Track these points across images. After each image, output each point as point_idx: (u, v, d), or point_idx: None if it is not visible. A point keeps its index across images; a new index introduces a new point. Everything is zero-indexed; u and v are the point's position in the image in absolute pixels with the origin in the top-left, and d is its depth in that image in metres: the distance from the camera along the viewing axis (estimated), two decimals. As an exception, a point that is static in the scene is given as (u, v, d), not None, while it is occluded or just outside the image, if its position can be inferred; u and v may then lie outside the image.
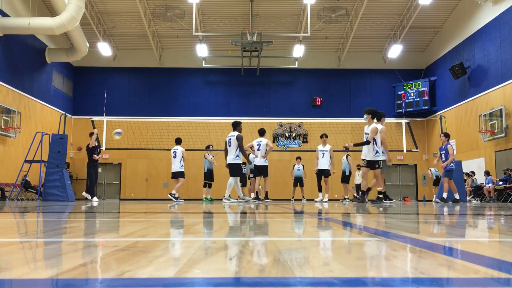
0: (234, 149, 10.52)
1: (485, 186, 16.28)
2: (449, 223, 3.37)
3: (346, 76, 23.11)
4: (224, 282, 0.99)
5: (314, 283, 0.99)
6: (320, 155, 12.98)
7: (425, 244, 1.73)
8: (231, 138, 10.68)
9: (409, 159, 22.54)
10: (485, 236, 2.34)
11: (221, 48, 22.22)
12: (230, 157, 10.53)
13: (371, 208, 6.58)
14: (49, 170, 12.66)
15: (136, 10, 19.43)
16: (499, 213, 5.28)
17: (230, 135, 10.73)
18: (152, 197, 21.40)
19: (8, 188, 15.25)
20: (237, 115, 21.62)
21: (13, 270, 1.11)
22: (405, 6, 20.13)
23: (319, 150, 13.06)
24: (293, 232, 2.47)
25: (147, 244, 1.67)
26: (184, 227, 2.56)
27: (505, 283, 0.98)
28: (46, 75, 19.91)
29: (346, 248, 1.69)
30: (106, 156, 22.21)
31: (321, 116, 21.37)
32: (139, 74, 23.05)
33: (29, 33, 16.93)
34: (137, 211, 5.21)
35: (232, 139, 10.62)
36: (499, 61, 16.80)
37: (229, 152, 10.60)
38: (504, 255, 1.52)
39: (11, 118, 16.60)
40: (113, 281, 0.99)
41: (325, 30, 21.38)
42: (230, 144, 10.61)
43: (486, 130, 17.25)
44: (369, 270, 1.14)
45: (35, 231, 2.47)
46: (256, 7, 19.93)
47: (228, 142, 10.69)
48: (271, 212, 5.00)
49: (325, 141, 12.99)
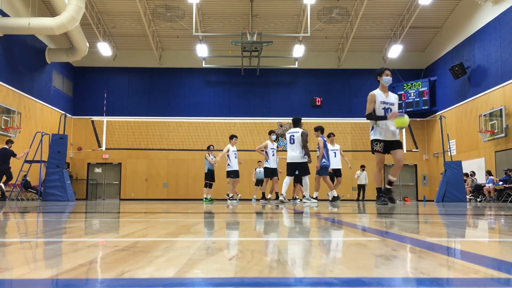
0: (299, 147, 9.92)
1: (485, 186, 16.28)
2: (449, 223, 3.37)
3: (346, 76, 23.12)
4: (224, 282, 0.99)
5: (314, 283, 0.99)
6: (332, 155, 12.83)
7: (425, 244, 1.73)
8: (293, 134, 10.03)
9: (409, 159, 22.54)
10: (485, 236, 2.34)
11: (221, 48, 22.23)
12: (295, 155, 9.94)
13: (376, 208, 6.58)
14: (49, 170, 12.65)
15: (136, 10, 19.44)
16: (487, 213, 5.28)
17: (293, 131, 10.10)
18: (152, 197, 21.40)
19: (8, 188, 15.25)
20: (237, 115, 21.63)
21: (13, 270, 1.11)
22: (405, 6, 20.13)
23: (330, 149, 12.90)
24: (293, 232, 2.47)
25: (147, 244, 1.67)
26: (184, 227, 2.56)
27: (505, 283, 0.98)
28: (46, 75, 19.91)
29: (346, 248, 1.69)
30: (106, 156, 22.23)
31: (321, 116, 21.36)
32: (139, 74, 23.05)
33: (29, 33, 16.94)
34: (137, 211, 5.22)
35: (296, 136, 9.98)
36: (499, 61, 16.80)
37: (291, 150, 10.00)
38: (504, 255, 1.52)
39: (11, 118, 16.61)
40: (113, 281, 0.99)
41: (325, 30, 21.38)
42: (293, 141, 9.99)
43: (486, 130, 17.25)
44: (369, 270, 1.14)
45: (35, 231, 2.47)
46: (256, 7, 19.93)
47: (290, 139, 10.05)
48: (272, 212, 5.01)
49: (333, 140, 12.82)
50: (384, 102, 7.08)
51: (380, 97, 7.10)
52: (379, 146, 7.05)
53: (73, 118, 22.25)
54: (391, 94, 7.34)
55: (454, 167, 13.54)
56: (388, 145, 7.08)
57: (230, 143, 13.46)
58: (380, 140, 7.05)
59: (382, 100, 7.08)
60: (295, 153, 9.91)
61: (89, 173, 22.89)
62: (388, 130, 7.01)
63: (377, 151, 7.07)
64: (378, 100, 7.06)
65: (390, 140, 7.07)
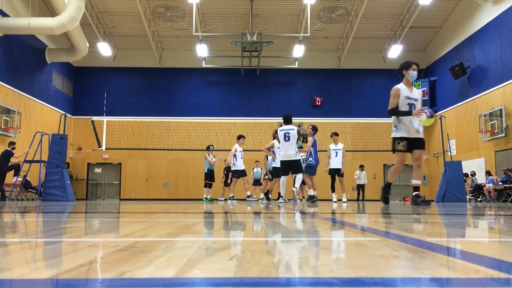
0: (294, 144, 9.65)
1: (485, 186, 16.28)
2: (449, 223, 3.37)
3: (346, 76, 23.12)
4: (224, 282, 0.99)
5: (314, 283, 0.99)
6: (333, 154, 12.77)
7: (425, 244, 1.73)
8: (289, 132, 9.66)
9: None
10: (485, 236, 2.34)
11: (221, 48, 22.23)
12: (291, 153, 9.60)
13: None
14: (49, 170, 12.65)
15: (136, 10, 19.44)
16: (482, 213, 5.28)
17: (289, 128, 9.70)
18: (152, 197, 21.41)
19: (8, 188, 15.25)
20: (237, 115, 21.63)
21: (13, 270, 1.11)
22: (405, 6, 20.13)
23: (332, 149, 12.80)
24: (292, 232, 2.47)
25: (147, 244, 1.67)
26: (184, 227, 2.56)
27: (505, 283, 0.98)
28: (46, 75, 19.91)
29: (346, 248, 1.69)
30: (106, 156, 22.23)
31: (321, 116, 21.36)
32: (139, 74, 23.06)
33: (29, 33, 16.94)
34: (137, 211, 5.22)
35: (292, 133, 9.64)
36: (499, 61, 16.80)
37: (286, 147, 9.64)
38: (504, 255, 1.52)
39: (11, 118, 16.61)
40: (113, 281, 0.99)
41: (325, 30, 21.38)
42: (289, 138, 9.61)
43: (486, 130, 17.25)
44: (369, 270, 1.14)
45: (35, 231, 2.47)
46: (256, 7, 19.94)
47: (285, 136, 9.65)
48: (272, 212, 5.01)
49: (336, 140, 12.72)
50: (408, 98, 6.71)
51: (405, 92, 6.72)
52: (402, 145, 6.66)
53: (73, 118, 22.25)
54: (415, 89, 6.94)
55: (454, 167, 13.54)
56: (412, 143, 6.72)
57: (238, 143, 13.32)
58: (404, 138, 6.67)
59: (406, 95, 6.71)
60: (290, 151, 9.60)
61: (89, 173, 22.89)
62: (412, 126, 6.65)
63: (399, 150, 6.71)
64: (402, 95, 6.69)
65: (414, 138, 6.72)
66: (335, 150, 12.73)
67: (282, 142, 9.79)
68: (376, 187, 22.55)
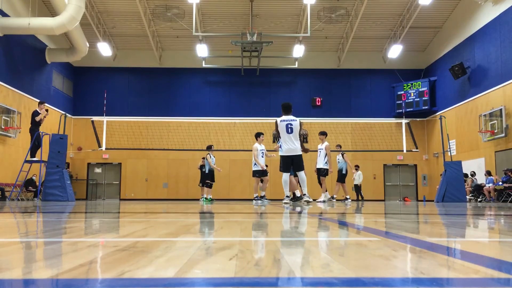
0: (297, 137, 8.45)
1: (485, 186, 16.28)
2: (449, 223, 3.37)
3: (346, 76, 23.12)
4: (224, 282, 0.99)
5: (314, 283, 0.99)
6: (318, 154, 12.81)
7: (425, 244, 1.73)
8: (291, 123, 8.42)
9: (409, 159, 22.55)
10: (485, 236, 2.34)
11: (221, 48, 22.23)
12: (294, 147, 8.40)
13: (380, 208, 6.57)
14: (49, 170, 12.64)
15: (136, 10, 19.43)
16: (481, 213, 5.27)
17: (289, 119, 8.47)
18: (152, 197, 21.40)
19: (8, 188, 15.26)
20: (237, 115, 21.62)
21: (13, 270, 1.11)
22: (405, 6, 20.13)
23: (318, 148, 12.91)
24: (293, 232, 2.47)
25: (147, 244, 1.67)
26: (184, 227, 2.56)
27: (505, 283, 0.98)
28: (46, 75, 19.91)
29: (346, 248, 1.69)
30: (106, 156, 22.23)
31: (321, 116, 21.35)
32: (139, 74, 23.05)
33: (29, 33, 16.93)
34: (137, 211, 5.21)
35: (295, 124, 8.41)
36: (499, 61, 16.80)
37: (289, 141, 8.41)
38: (504, 255, 1.52)
39: (11, 118, 16.60)
40: (113, 281, 0.99)
41: (325, 30, 21.38)
42: (292, 130, 8.39)
43: (486, 130, 17.25)
44: (369, 270, 1.14)
45: (35, 231, 2.47)
46: (256, 7, 19.93)
47: (287, 128, 8.40)
48: (272, 212, 5.00)
49: (321, 139, 12.61)
50: None
51: None
52: None
53: (73, 118, 22.23)
54: None
55: (454, 167, 13.54)
56: None
57: (257, 141, 12.30)
58: None
59: None
60: (294, 145, 8.39)
61: (89, 173, 22.89)
62: None
63: None
64: None
65: None
66: (319, 149, 12.77)
67: (284, 135, 8.47)
68: (376, 187, 22.56)
